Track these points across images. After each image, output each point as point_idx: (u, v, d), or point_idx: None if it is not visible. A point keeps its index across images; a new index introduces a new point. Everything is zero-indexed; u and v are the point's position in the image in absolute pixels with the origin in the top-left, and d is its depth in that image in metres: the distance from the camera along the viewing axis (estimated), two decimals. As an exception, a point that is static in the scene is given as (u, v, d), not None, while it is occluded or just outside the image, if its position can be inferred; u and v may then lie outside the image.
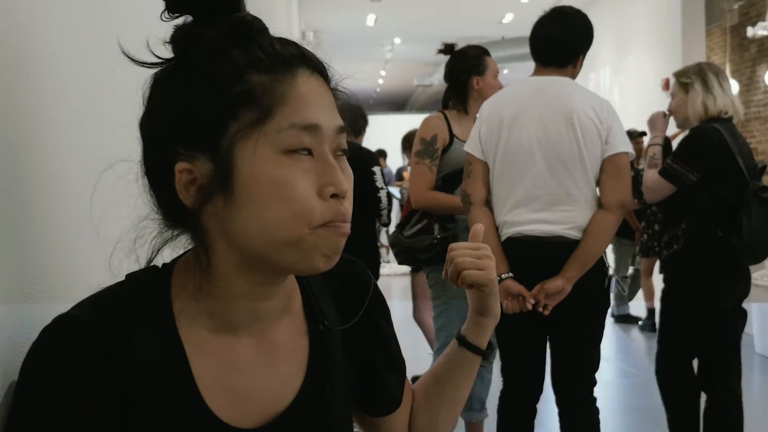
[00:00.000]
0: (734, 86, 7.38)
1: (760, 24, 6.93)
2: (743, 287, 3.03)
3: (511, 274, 2.56)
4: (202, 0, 0.81)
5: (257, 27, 0.82)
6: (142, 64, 0.82)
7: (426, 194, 3.21)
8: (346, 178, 0.82)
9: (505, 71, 14.02)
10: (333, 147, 0.82)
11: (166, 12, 0.82)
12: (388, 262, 9.33)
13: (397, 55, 15.11)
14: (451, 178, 3.18)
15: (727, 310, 3.01)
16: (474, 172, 2.66)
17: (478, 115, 2.72)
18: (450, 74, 3.34)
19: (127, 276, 0.84)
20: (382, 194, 3.88)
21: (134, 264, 0.86)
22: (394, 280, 9.09)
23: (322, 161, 0.80)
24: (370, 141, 5.47)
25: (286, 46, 0.82)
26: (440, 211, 3.20)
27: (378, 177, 3.88)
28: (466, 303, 1.07)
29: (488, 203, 2.67)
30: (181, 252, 0.88)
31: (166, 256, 0.88)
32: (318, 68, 0.84)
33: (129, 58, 0.82)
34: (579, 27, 2.68)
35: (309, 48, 0.85)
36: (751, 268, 3.06)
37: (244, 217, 0.79)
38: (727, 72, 7.50)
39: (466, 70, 3.29)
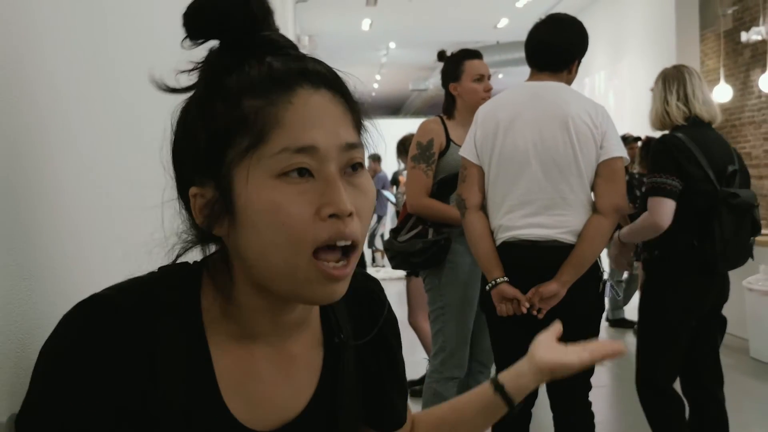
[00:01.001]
0: (728, 91, 7.40)
1: (754, 29, 6.96)
2: (719, 294, 3.00)
3: (506, 279, 2.56)
4: (216, 26, 0.81)
5: (268, 47, 0.82)
6: (168, 90, 0.84)
7: (421, 200, 3.22)
8: (359, 195, 0.81)
9: (500, 75, 14.05)
10: (341, 164, 0.80)
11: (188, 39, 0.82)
12: (383, 266, 9.33)
13: (392, 59, 15.13)
14: (446, 183, 3.19)
15: (705, 317, 2.98)
16: (469, 176, 2.67)
17: (473, 120, 2.73)
18: (441, 81, 3.41)
19: (160, 268, 0.86)
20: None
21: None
22: (389, 284, 9.09)
23: (324, 181, 0.78)
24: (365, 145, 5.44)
25: (286, 64, 0.80)
26: (434, 219, 3.21)
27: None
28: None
29: (483, 208, 2.68)
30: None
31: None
32: (325, 82, 0.81)
33: (158, 86, 0.83)
34: (574, 33, 2.70)
35: (317, 59, 0.83)
36: (742, 273, 3.06)
37: (246, 243, 0.79)
38: (721, 77, 7.52)
39: (444, 77, 3.36)
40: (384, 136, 0.94)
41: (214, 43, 0.83)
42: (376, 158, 11.47)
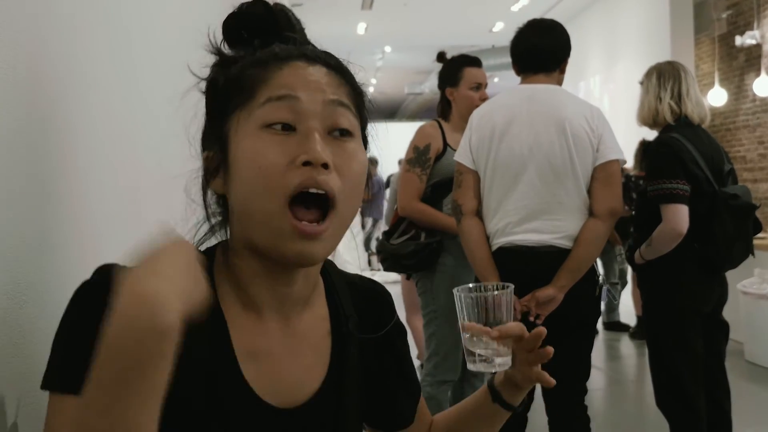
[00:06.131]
0: (722, 95, 7.43)
1: (749, 33, 6.98)
2: (721, 293, 2.97)
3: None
4: (249, 32, 0.92)
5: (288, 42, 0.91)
6: (200, 79, 0.93)
7: (413, 204, 3.22)
8: (343, 155, 0.85)
9: (495, 79, 14.06)
10: (326, 124, 0.85)
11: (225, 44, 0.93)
12: (379, 269, 9.30)
13: (387, 63, 15.12)
14: (440, 187, 3.19)
15: (707, 323, 2.96)
16: (465, 182, 2.67)
17: (468, 124, 2.72)
18: (438, 83, 3.40)
19: None
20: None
21: None
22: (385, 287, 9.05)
23: (303, 134, 0.83)
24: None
25: (289, 47, 0.89)
26: (423, 225, 3.20)
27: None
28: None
29: (478, 213, 2.67)
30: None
31: None
32: (322, 60, 0.89)
33: (194, 74, 0.92)
34: (559, 33, 2.73)
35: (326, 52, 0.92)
36: (737, 276, 3.04)
37: (234, 192, 0.85)
38: (716, 81, 7.55)
39: (442, 80, 3.37)
40: (380, 140, 0.95)
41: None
42: (372, 162, 11.47)
